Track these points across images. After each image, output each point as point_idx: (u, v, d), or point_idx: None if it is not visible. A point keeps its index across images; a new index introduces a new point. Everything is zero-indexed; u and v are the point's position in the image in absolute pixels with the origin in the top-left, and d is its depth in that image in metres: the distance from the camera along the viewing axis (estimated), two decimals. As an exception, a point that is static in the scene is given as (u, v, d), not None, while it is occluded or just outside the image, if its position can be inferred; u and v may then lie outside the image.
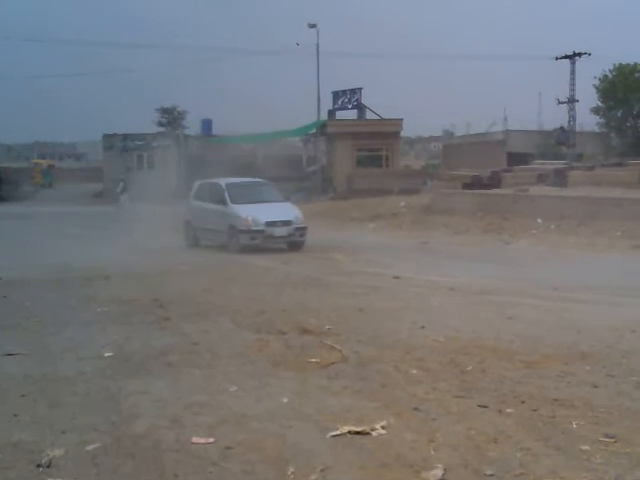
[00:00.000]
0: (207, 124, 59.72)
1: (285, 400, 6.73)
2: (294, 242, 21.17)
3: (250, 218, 20.55)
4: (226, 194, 21.58)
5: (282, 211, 21.35)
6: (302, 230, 21.15)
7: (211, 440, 5.73)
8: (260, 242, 20.71)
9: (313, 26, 49.42)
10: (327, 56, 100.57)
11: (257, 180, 25.13)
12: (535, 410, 6.29)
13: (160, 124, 67.25)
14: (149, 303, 12.05)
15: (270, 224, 20.66)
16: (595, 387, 6.96)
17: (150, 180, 50.58)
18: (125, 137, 56.14)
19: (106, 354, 8.59)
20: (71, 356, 8.59)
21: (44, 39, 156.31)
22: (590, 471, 5.03)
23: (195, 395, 6.94)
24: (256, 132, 54.22)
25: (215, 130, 59.08)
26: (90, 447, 5.65)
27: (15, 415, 6.44)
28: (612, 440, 5.55)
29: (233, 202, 21.27)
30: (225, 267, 17.25)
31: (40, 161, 75.02)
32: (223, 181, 22.83)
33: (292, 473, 5.11)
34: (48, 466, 5.31)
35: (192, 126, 65.64)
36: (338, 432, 5.83)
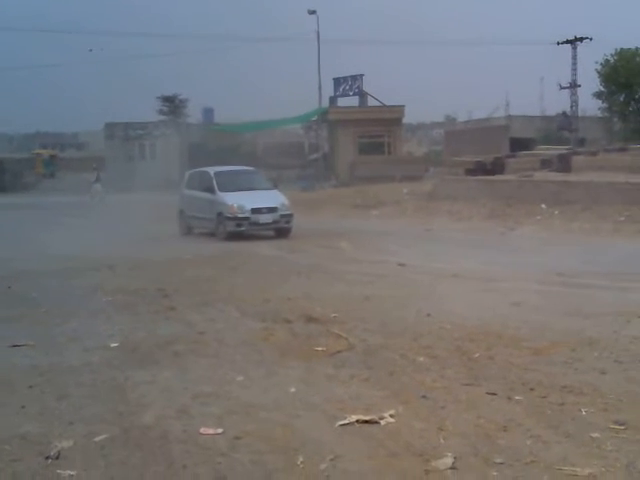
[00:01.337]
0: (208, 112, 59.76)
1: (292, 389, 6.72)
2: (280, 229, 21.48)
3: (236, 205, 20.91)
4: (214, 182, 21.96)
5: (268, 198, 21.58)
6: (288, 217, 21.43)
7: (219, 430, 5.72)
8: (246, 229, 21.05)
9: (313, 12, 49.37)
10: (328, 43, 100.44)
11: (245, 168, 25.35)
12: (544, 397, 6.27)
13: (161, 113, 67.29)
14: (154, 293, 12.04)
15: (255, 211, 21.00)
16: (603, 373, 6.93)
17: (150, 169, 50.67)
18: (127, 126, 56.10)
19: (112, 344, 8.58)
20: (77, 347, 8.58)
21: (44, 29, 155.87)
22: (601, 458, 5.01)
23: (202, 385, 6.92)
24: (258, 120, 54.16)
25: (217, 118, 59.13)
26: (98, 438, 5.64)
27: (23, 407, 6.44)
28: (622, 427, 5.52)
29: (221, 190, 21.63)
30: (229, 256, 17.22)
31: (42, 151, 74.62)
32: (212, 170, 23.19)
33: (301, 463, 5.09)
34: (57, 458, 5.30)
35: (194, 114, 65.82)
36: (346, 421, 5.81)
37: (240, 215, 20.92)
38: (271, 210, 21.16)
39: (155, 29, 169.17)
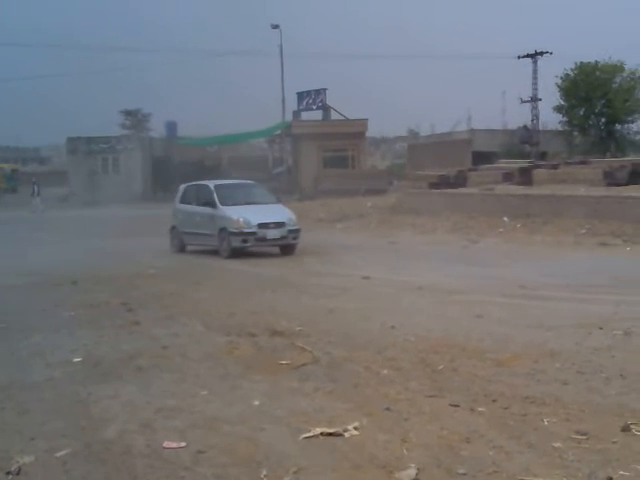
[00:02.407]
0: (172, 126, 59.61)
1: (256, 403, 6.70)
2: (287, 245, 20.20)
3: (241, 219, 19.59)
4: (215, 196, 20.58)
5: (274, 213, 20.40)
6: (296, 232, 20.20)
7: (183, 444, 5.69)
8: (252, 245, 19.83)
9: (276, 27, 49.52)
10: (291, 57, 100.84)
11: (246, 181, 24.34)
12: (506, 408, 6.31)
13: (124, 127, 67.08)
14: (118, 307, 11.96)
15: (262, 226, 19.70)
16: (565, 384, 7.00)
17: (114, 183, 50.43)
18: (89, 140, 55.71)
19: (75, 359, 8.51)
20: (39, 362, 8.50)
21: (4, 42, 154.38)
22: (563, 468, 5.06)
23: (166, 399, 6.88)
24: (222, 134, 54.15)
25: (180, 132, 59.01)
26: (60, 453, 5.59)
27: (-17, 423, 6.36)
28: (584, 437, 5.58)
29: (223, 204, 20.30)
30: (193, 270, 17.16)
31: (3, 165, 73.84)
32: (211, 183, 21.97)
33: (265, 476, 5.08)
34: (17, 473, 5.24)
35: (157, 128, 65.74)
36: (310, 434, 5.81)
37: (246, 230, 19.52)
38: (279, 225, 19.81)
39: (118, 43, 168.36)
